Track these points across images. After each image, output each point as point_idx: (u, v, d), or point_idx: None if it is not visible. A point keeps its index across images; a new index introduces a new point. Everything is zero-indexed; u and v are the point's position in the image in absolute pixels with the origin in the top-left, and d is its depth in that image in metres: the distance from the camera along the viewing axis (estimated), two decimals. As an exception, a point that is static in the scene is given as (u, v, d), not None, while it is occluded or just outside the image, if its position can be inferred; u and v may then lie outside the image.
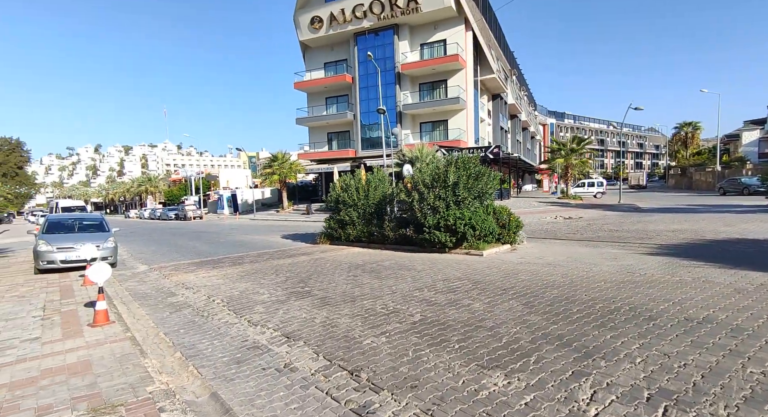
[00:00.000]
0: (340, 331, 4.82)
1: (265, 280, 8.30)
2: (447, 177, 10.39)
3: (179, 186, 63.11)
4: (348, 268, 9.16)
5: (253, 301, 6.59)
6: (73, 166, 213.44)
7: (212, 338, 4.92)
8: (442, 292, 6.40)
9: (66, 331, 5.32)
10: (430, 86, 35.22)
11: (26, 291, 8.08)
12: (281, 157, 35.80)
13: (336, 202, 13.48)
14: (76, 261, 10.17)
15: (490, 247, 10.01)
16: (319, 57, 38.78)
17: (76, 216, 12.50)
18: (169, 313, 6.25)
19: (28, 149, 77.87)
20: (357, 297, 6.41)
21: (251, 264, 10.45)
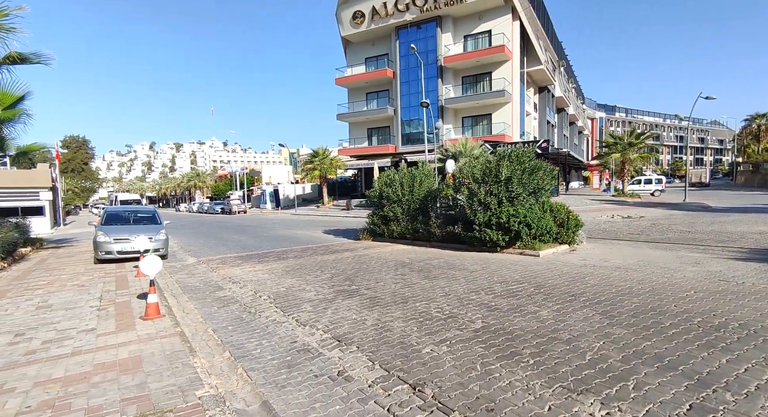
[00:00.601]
0: (394, 337, 4.42)
1: (310, 276, 8.09)
2: (499, 171, 9.71)
3: (225, 181, 65.73)
4: (394, 266, 8.78)
5: (300, 298, 6.35)
6: (130, 163, 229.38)
7: (260, 337, 4.69)
8: (501, 295, 5.84)
9: (119, 323, 5.31)
10: (474, 79, 34.05)
11: (86, 280, 8.37)
12: (322, 153, 36.09)
13: (379, 198, 13.13)
14: (131, 252, 10.53)
15: (547, 247, 9.25)
16: (360, 52, 38.64)
17: (132, 209, 13.02)
18: (217, 308, 6.15)
19: (93, 146, 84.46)
20: (408, 298, 6.00)
21: (295, 259, 10.34)
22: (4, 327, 5.23)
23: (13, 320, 5.54)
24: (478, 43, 33.21)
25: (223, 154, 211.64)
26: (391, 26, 35.19)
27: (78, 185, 73.84)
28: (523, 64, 34.27)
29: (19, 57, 9.49)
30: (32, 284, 8.05)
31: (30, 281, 8.39)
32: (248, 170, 57.85)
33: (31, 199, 26.63)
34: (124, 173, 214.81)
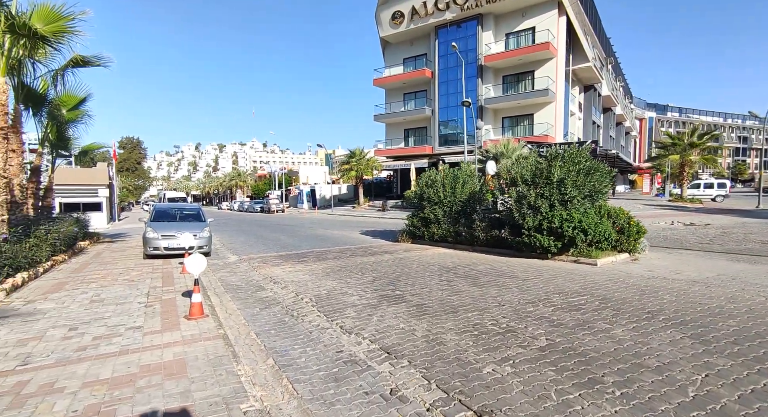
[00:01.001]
0: (449, 351, 4.04)
1: (351, 278, 7.86)
2: (551, 173, 9.06)
3: (264, 181, 67.70)
4: (438, 270, 8.37)
5: (343, 303, 6.11)
6: (178, 162, 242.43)
7: (304, 344, 4.47)
8: (562, 309, 5.30)
9: (165, 321, 5.28)
10: (515, 78, 32.88)
11: (135, 275, 8.60)
12: (358, 154, 36.18)
13: (420, 199, 12.75)
14: (176, 249, 10.78)
15: (605, 256, 8.49)
16: (399, 53, 38.43)
17: (178, 206, 13.42)
18: (259, 309, 6.02)
19: (145, 147, 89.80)
20: (458, 307, 5.59)
21: (335, 260, 10.17)
22: (60, 320, 5.35)
23: (69, 313, 5.67)
24: (521, 41, 32.04)
25: (262, 154, 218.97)
26: (431, 26, 34.70)
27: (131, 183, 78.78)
28: (568, 61, 32.68)
29: (82, 60, 9.99)
30: (88, 277, 8.35)
31: (86, 274, 8.73)
32: (286, 170, 59.24)
33: (91, 196, 28.49)
34: (172, 172, 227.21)
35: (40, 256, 9.20)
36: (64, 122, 12.50)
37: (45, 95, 11.48)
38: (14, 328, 5.02)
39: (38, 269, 8.74)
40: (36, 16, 7.67)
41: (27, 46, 8.07)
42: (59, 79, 10.44)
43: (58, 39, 7.89)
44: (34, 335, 4.76)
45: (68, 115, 12.21)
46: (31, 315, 5.60)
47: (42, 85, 11.60)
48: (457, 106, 34.94)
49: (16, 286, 7.28)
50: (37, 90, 11.28)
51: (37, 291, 7.12)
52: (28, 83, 10.58)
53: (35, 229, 9.78)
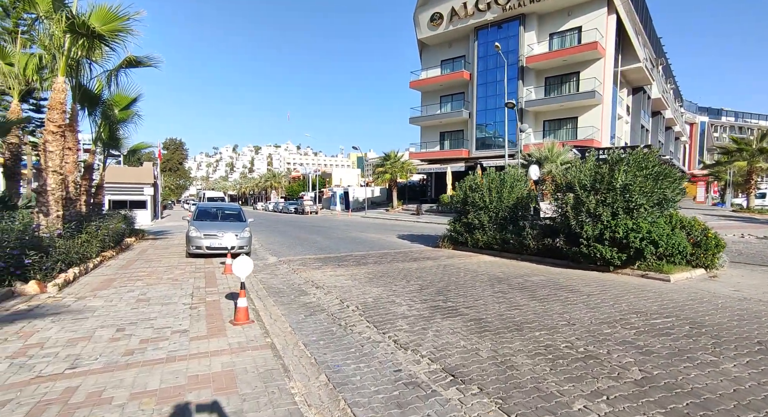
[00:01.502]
0: (524, 378, 3.54)
1: (396, 286, 7.45)
2: (613, 177, 8.29)
3: (298, 182, 68.83)
4: (488, 280, 7.81)
5: (392, 313, 5.71)
6: (216, 163, 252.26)
7: (357, 359, 4.09)
8: (646, 332, 4.65)
9: (210, 326, 5.07)
10: (558, 80, 31.55)
11: (179, 274, 8.59)
12: (393, 156, 35.88)
13: (463, 204, 12.19)
14: (218, 248, 10.79)
15: (679, 271, 7.63)
16: (437, 55, 37.92)
17: (220, 205, 13.55)
18: (304, 316, 5.73)
19: (187, 148, 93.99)
20: (522, 324, 5.04)
21: (376, 265, 9.81)
22: (108, 320, 5.26)
23: (117, 313, 5.60)
24: (566, 41, 30.71)
25: (296, 156, 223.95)
26: (470, 27, 33.98)
27: (173, 183, 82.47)
28: (617, 62, 30.98)
29: (135, 60, 10.25)
30: (134, 275, 8.42)
31: (133, 271, 8.83)
32: (320, 173, 59.93)
33: (137, 194, 29.77)
34: (211, 173, 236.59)
35: (90, 252, 9.41)
36: (115, 122, 12.93)
37: (100, 95, 11.90)
38: (65, 326, 4.96)
39: (88, 265, 8.92)
40: (94, 16, 7.87)
41: (85, 46, 8.30)
42: (113, 79, 10.76)
43: (114, 38, 8.07)
44: (83, 335, 4.66)
45: (120, 114, 12.62)
46: (80, 313, 5.57)
47: (97, 85, 12.03)
48: (495, 108, 33.99)
49: (68, 281, 7.39)
50: (92, 90, 11.70)
51: (86, 287, 7.19)
52: (84, 84, 10.96)
53: (87, 225, 10.05)
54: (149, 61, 10.80)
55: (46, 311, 5.61)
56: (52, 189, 7.87)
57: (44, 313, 5.53)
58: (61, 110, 8.01)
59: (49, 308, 5.77)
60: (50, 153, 7.87)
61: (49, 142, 7.90)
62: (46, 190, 7.82)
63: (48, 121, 7.90)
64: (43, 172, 7.86)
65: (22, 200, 11.41)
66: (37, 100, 15.34)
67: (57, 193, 7.97)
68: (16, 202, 11.60)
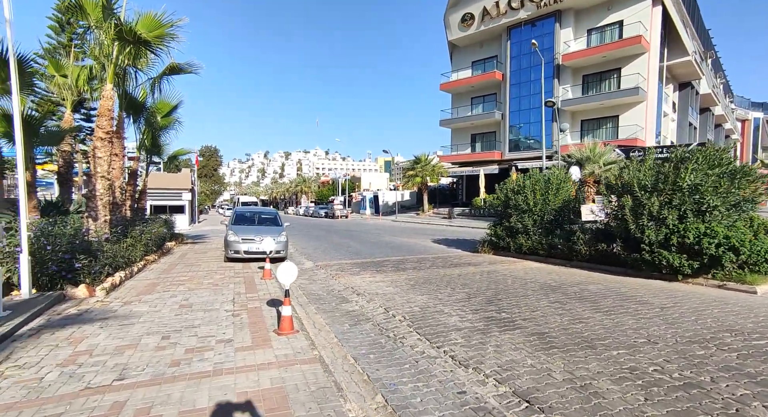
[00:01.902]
0: (615, 409, 3.06)
1: (441, 294, 7.06)
2: (679, 177, 7.55)
3: (327, 187, 69.55)
4: (540, 288, 7.27)
5: (443, 324, 5.32)
6: (248, 169, 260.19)
7: (414, 378, 3.74)
8: (752, 356, 4.02)
9: (255, 335, 4.87)
10: (597, 78, 30.13)
11: (219, 279, 8.55)
12: (424, 160, 35.43)
13: (505, 207, 11.63)
14: (256, 252, 10.76)
15: (765, 282, 6.79)
16: (467, 56, 37.26)
17: (257, 210, 13.62)
18: (349, 326, 5.44)
19: (221, 155, 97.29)
20: (592, 340, 4.53)
21: (416, 271, 9.45)
22: (153, 326, 5.18)
23: (161, 319, 5.52)
24: (605, 37, 29.31)
25: (325, 162, 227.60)
26: (503, 26, 33.15)
27: (208, 188, 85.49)
28: (662, 56, 29.23)
29: (177, 67, 10.47)
30: (176, 280, 8.46)
31: (174, 276, 8.89)
32: (349, 177, 60.30)
33: (176, 199, 30.84)
34: (243, 178, 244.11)
35: (134, 256, 9.58)
36: (158, 128, 13.29)
37: (143, 103, 12.25)
38: (112, 332, 4.90)
39: (133, 268, 9.07)
40: (140, 23, 8.04)
41: (131, 54, 8.50)
42: (156, 86, 11.02)
43: (158, 44, 8.21)
44: (129, 342, 4.57)
45: (162, 121, 12.96)
46: (127, 318, 5.53)
47: (141, 93, 12.40)
48: (529, 109, 32.94)
49: (114, 285, 7.48)
50: (137, 98, 12.06)
51: (132, 291, 7.24)
52: (130, 92, 11.28)
53: (131, 229, 10.28)
54: (190, 68, 11.00)
55: (94, 316, 5.62)
56: (100, 194, 8.04)
57: (93, 318, 5.53)
58: (109, 117, 8.21)
59: (98, 313, 5.78)
60: (99, 159, 8.06)
61: (98, 148, 8.10)
62: (95, 195, 8.00)
63: (97, 127, 8.11)
64: (93, 178, 8.05)
65: (74, 205, 11.87)
66: (87, 110, 16.06)
67: (105, 198, 8.14)
68: (68, 208, 12.08)
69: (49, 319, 5.47)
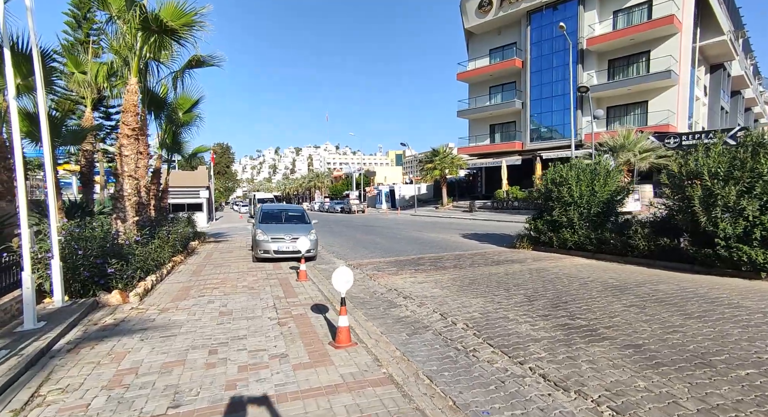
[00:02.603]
0: (783, 451, 2.47)
1: (496, 296, 6.49)
2: (759, 163, 6.79)
3: (342, 182, 69.15)
4: (604, 289, 6.64)
5: (515, 333, 4.76)
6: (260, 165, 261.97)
7: (506, 402, 3.20)
8: None
9: (310, 349, 4.39)
10: (624, 62, 28.82)
11: (252, 281, 8.13)
12: (442, 152, 34.62)
13: (546, 199, 10.94)
14: (286, 252, 10.33)
15: None
16: (485, 44, 36.16)
17: (283, 207, 13.19)
18: (407, 335, 4.93)
19: (233, 152, 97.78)
20: (704, 355, 3.92)
21: (457, 269, 8.89)
22: (197, 338, 4.74)
23: (203, 329, 5.09)
24: (633, 18, 27.96)
25: (335, 156, 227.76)
26: (522, 11, 31.97)
27: (222, 185, 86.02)
28: (695, 37, 27.74)
29: (199, 60, 10.02)
30: (208, 282, 8.06)
31: (205, 278, 8.50)
32: (364, 171, 59.76)
33: (194, 197, 30.73)
34: (255, 175, 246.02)
35: (163, 258, 9.23)
36: (179, 125, 12.91)
37: (165, 99, 11.87)
38: (154, 346, 4.48)
39: (162, 271, 8.71)
40: (164, 11, 7.57)
41: (156, 44, 8.05)
42: (179, 80, 10.59)
43: (184, 34, 7.73)
44: (176, 358, 4.13)
45: (183, 117, 12.58)
46: (167, 328, 5.12)
47: (162, 89, 12.00)
48: (552, 97, 31.82)
49: (147, 290, 7.11)
50: (158, 94, 11.67)
51: (165, 297, 6.85)
52: (150, 88, 10.88)
53: (158, 229, 9.93)
54: (212, 60, 10.54)
55: (132, 326, 5.22)
56: (128, 194, 7.66)
57: (131, 328, 5.13)
58: (135, 113, 7.79)
59: (135, 322, 5.38)
60: (125, 157, 7.66)
61: (124, 146, 7.70)
62: (123, 195, 7.62)
63: (122, 124, 7.70)
64: (120, 177, 7.67)
65: (97, 206, 11.61)
66: (107, 108, 15.79)
67: (133, 198, 7.76)
68: (93, 208, 11.82)
69: (86, 330, 5.09)
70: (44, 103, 5.71)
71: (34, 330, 4.78)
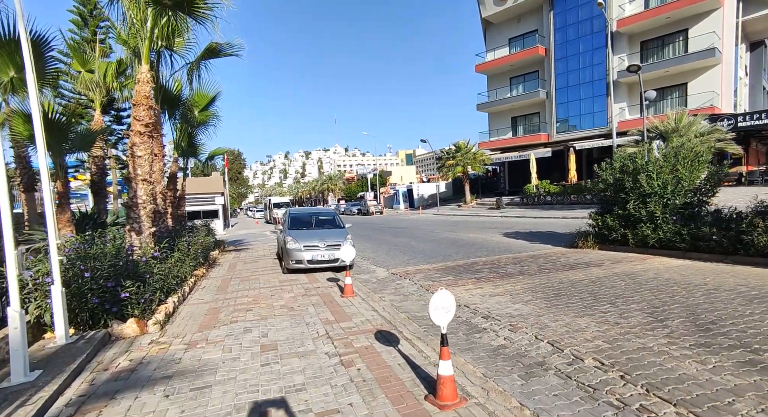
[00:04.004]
0: None
1: (605, 312, 5.09)
2: None
3: (356, 183, 68.02)
4: (747, 301, 5.19)
5: (685, 377, 3.38)
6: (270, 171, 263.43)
7: None
8: None
9: (401, 408, 3.08)
10: (659, 43, 26.97)
11: (289, 299, 6.88)
12: (464, 147, 33.14)
13: (616, 191, 9.47)
14: (321, 262, 9.09)
15: None
16: (503, 33, 34.60)
17: (313, 211, 11.97)
18: (521, 379, 3.59)
19: (244, 158, 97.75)
20: None
21: (526, 277, 7.50)
22: (240, 391, 3.49)
23: (245, 374, 3.83)
24: (667, -5, 26.08)
25: (345, 159, 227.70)
26: (544, -5, 30.33)
27: (235, 191, 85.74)
28: (738, 11, 25.76)
29: (216, 48, 8.87)
30: (238, 301, 6.85)
31: (234, 296, 7.29)
32: (378, 171, 58.49)
33: (209, 204, 29.81)
34: (266, 180, 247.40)
35: (184, 273, 8.07)
36: (195, 125, 11.80)
37: (179, 95, 10.76)
38: (185, 407, 3.23)
39: (185, 288, 7.54)
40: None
41: (168, 28, 6.89)
42: (195, 73, 9.42)
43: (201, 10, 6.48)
44: (217, 434, 2.86)
45: (199, 116, 11.46)
46: (198, 374, 3.87)
47: (176, 86, 10.90)
48: (579, 84, 30.10)
49: (168, 314, 5.91)
50: (171, 91, 10.57)
51: (191, 323, 5.64)
52: (163, 83, 9.77)
53: (178, 241, 8.79)
54: (230, 49, 9.38)
55: (153, 372, 3.99)
56: (143, 202, 6.48)
57: (152, 375, 3.90)
58: (148, 106, 6.62)
59: (157, 365, 4.15)
60: (138, 158, 6.49)
61: (137, 145, 6.53)
62: (137, 202, 6.44)
63: (134, 119, 6.53)
64: (132, 182, 6.49)
65: (110, 217, 10.56)
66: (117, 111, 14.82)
67: (149, 205, 6.58)
68: (105, 219, 10.77)
69: (94, 380, 3.87)
70: (35, 90, 4.53)
71: (24, 385, 3.58)
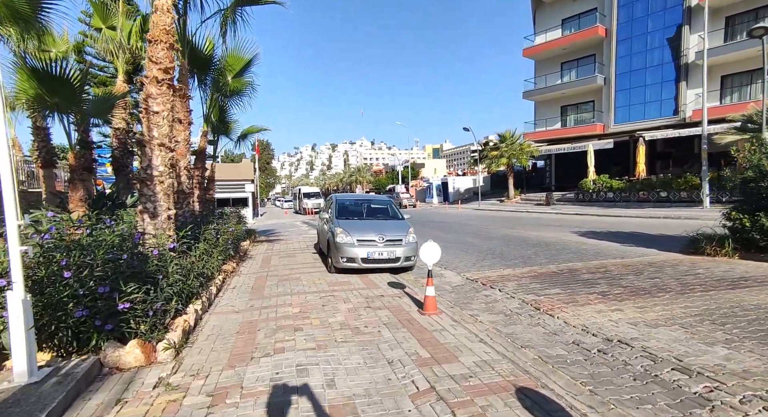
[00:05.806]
0: None
1: None
2: None
3: (386, 175, 66.12)
4: None
5: None
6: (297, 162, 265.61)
7: None
8: None
9: None
10: (750, 17, 23.48)
11: (350, 313, 5.04)
12: (509, 137, 30.54)
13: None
14: (379, 260, 7.23)
15: None
16: (556, 13, 31.57)
17: (363, 197, 10.18)
18: None
19: (273, 148, 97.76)
20: None
21: (668, 294, 5.39)
22: None
23: None
24: (759, -39, 22.57)
25: (371, 152, 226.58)
26: (607, -32, 27.16)
27: (263, 181, 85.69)
28: None
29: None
30: (280, 312, 5.08)
31: (273, 303, 5.54)
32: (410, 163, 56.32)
33: (239, 191, 28.66)
34: (293, 171, 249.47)
35: (211, 269, 6.40)
36: (227, 95, 10.13)
37: (211, 56, 9.10)
38: None
39: (211, 289, 5.86)
40: None
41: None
42: (228, 25, 7.66)
43: None
44: None
45: (233, 83, 9.77)
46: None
47: (207, 46, 9.23)
48: (645, 68, 26.91)
49: (186, 332, 4.18)
50: (202, 50, 8.91)
51: (218, 348, 3.88)
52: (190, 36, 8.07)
53: (204, 228, 7.12)
54: (273, -6, 7.53)
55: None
56: (159, 173, 4.75)
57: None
58: (169, 44, 4.88)
59: (159, 446, 2.37)
60: (155, 115, 4.76)
61: (153, 97, 4.80)
62: (151, 174, 4.72)
63: (149, 61, 4.80)
64: (147, 147, 4.78)
65: (131, 198, 9.09)
66: (143, 82, 13.35)
67: (166, 180, 4.85)
68: (125, 199, 9.30)
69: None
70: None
71: None
